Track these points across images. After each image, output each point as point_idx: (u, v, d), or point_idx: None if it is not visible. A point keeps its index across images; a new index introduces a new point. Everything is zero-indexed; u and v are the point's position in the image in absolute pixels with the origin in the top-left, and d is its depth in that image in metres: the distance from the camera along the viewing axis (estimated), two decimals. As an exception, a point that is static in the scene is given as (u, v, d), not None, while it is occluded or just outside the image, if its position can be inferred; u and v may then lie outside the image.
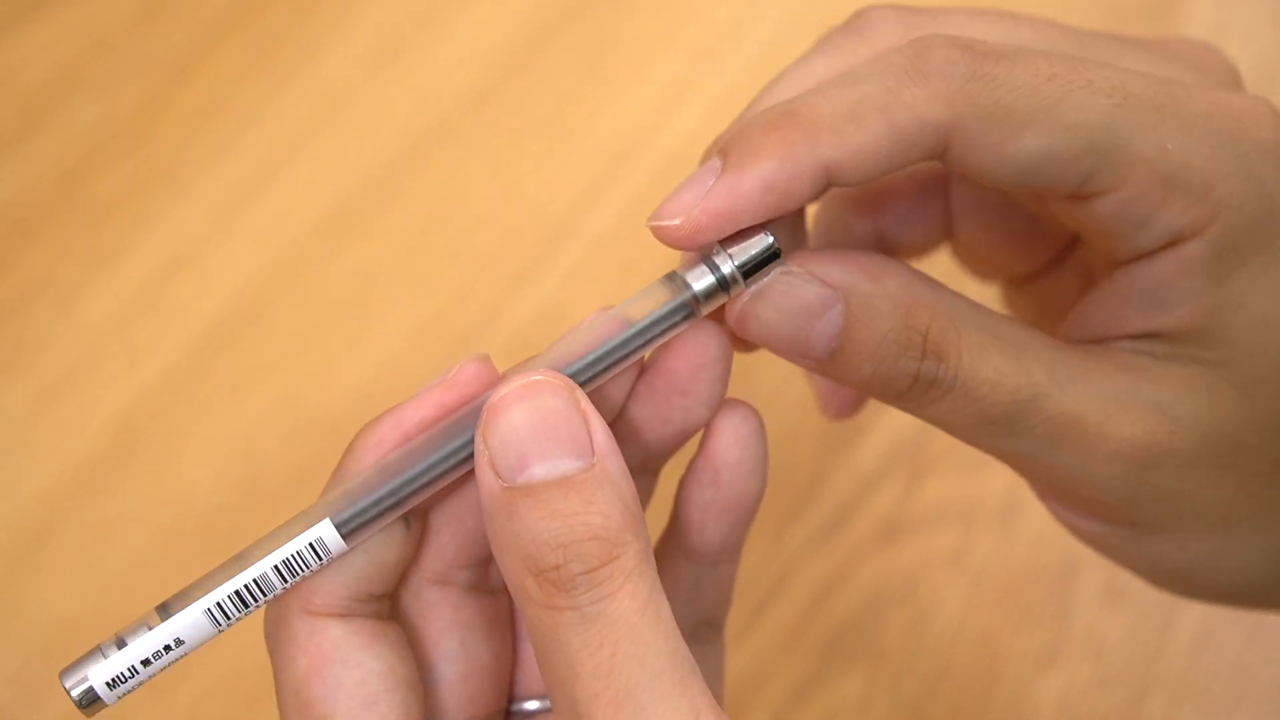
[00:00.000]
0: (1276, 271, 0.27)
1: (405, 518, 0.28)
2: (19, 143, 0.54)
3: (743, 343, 0.29)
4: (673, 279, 0.27)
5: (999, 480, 0.48)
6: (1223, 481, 0.28)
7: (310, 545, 0.27)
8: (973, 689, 0.45)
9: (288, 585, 0.27)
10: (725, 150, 0.26)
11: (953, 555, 0.47)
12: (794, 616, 0.46)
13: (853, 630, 0.46)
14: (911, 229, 0.34)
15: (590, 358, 0.27)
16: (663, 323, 0.27)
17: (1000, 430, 0.27)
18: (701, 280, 0.27)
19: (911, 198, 0.35)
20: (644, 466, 0.30)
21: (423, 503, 0.27)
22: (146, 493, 0.48)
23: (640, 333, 0.27)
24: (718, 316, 0.28)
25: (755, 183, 0.26)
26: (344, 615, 0.28)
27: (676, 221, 0.26)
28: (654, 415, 0.29)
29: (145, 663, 0.27)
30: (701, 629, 0.31)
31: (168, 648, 0.27)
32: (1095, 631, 0.46)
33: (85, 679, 0.27)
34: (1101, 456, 0.27)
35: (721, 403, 0.29)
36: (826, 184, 0.26)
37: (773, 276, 0.26)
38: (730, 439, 0.29)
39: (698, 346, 0.28)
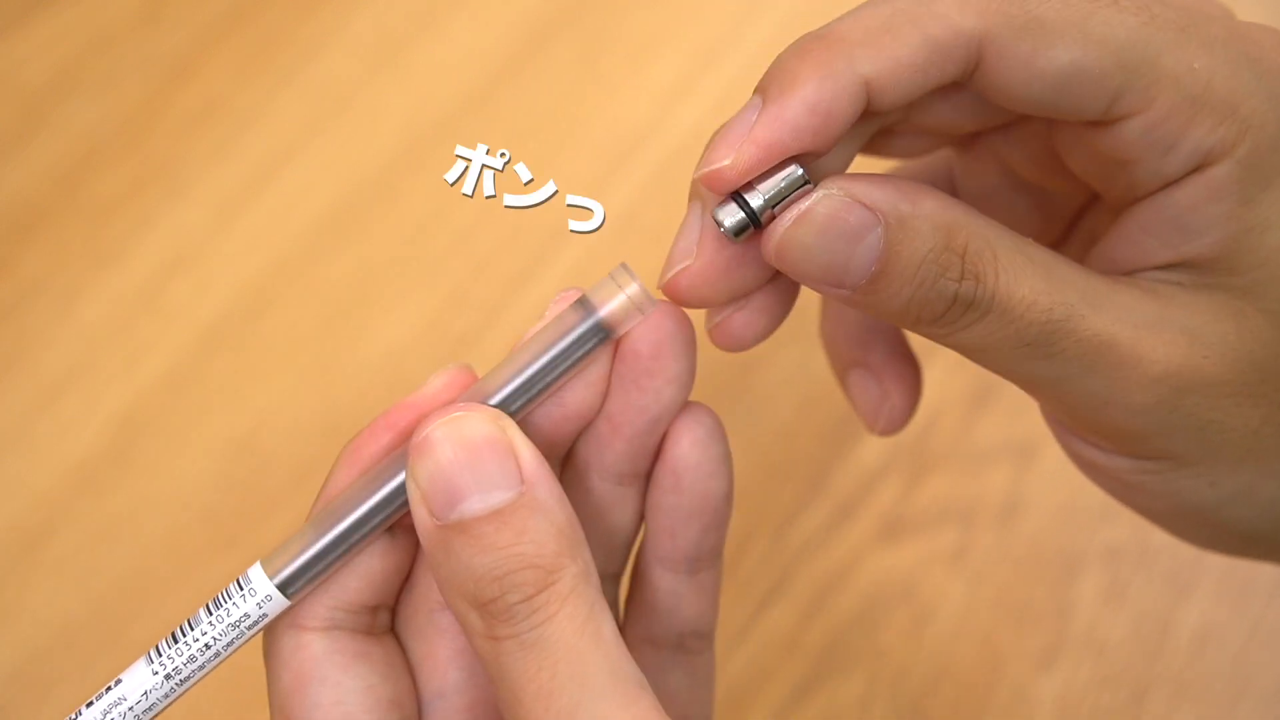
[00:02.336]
0: None
1: (390, 527, 0.28)
2: (19, 143, 0.54)
3: (722, 337, 0.29)
4: (583, 302, 0.27)
5: (999, 480, 0.48)
6: (1252, 411, 0.28)
7: (258, 605, 0.27)
8: (973, 689, 0.45)
9: (243, 638, 0.28)
10: (763, 86, 0.26)
11: (953, 555, 0.47)
12: (794, 616, 0.46)
13: (853, 630, 0.46)
14: None
15: (514, 384, 0.27)
16: (575, 346, 0.27)
17: (1034, 353, 0.26)
18: (732, 216, 0.27)
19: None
20: (633, 470, 0.30)
21: None
22: (146, 493, 0.48)
23: (556, 357, 0.27)
24: (670, 308, 0.28)
25: (799, 107, 0.26)
26: (328, 629, 0.28)
27: (726, 161, 0.26)
28: (628, 405, 0.28)
29: None
30: (688, 639, 0.31)
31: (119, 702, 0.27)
32: (1095, 631, 0.46)
33: None
34: (1134, 380, 0.27)
35: (690, 382, 0.29)
36: (866, 103, 0.26)
37: (814, 199, 0.26)
38: (687, 441, 0.29)
39: (653, 325, 0.28)
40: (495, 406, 0.27)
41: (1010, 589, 0.46)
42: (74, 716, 0.27)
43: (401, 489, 0.27)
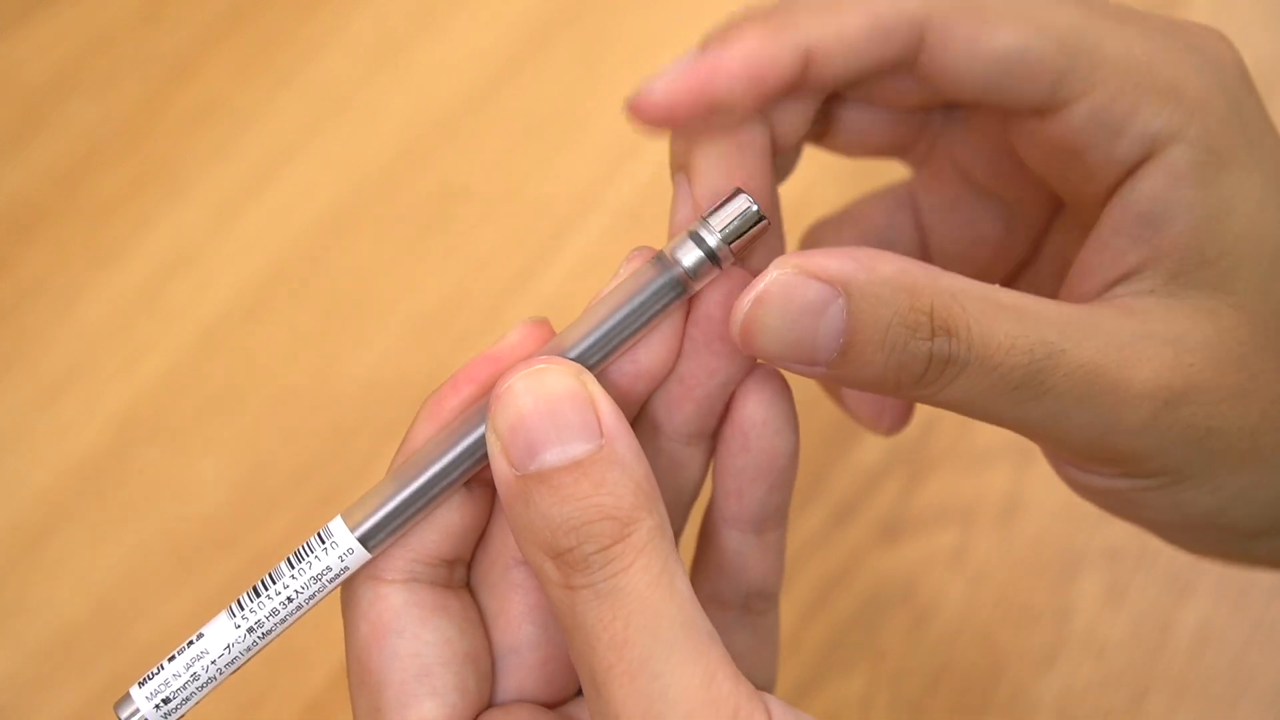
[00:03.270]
0: (1257, 177, 0.27)
1: (467, 482, 0.28)
2: (19, 143, 0.54)
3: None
4: (660, 259, 0.28)
5: (999, 480, 0.48)
6: (1247, 411, 0.28)
7: (340, 558, 0.27)
8: (973, 689, 0.45)
9: (324, 591, 0.28)
10: (705, 39, 0.27)
11: (953, 555, 0.47)
12: (794, 616, 0.46)
13: (853, 630, 0.46)
14: (888, 248, 0.34)
15: (591, 339, 0.27)
16: (653, 301, 0.27)
17: (1023, 395, 0.26)
18: (690, 256, 0.27)
19: (883, 216, 0.35)
20: (700, 430, 0.30)
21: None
22: (146, 493, 0.48)
23: (632, 313, 0.27)
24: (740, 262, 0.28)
25: (737, 58, 0.26)
26: (407, 581, 0.28)
27: (657, 86, 0.27)
28: (700, 368, 0.29)
29: (190, 679, 0.27)
30: (754, 599, 0.31)
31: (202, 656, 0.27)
32: (1095, 631, 0.46)
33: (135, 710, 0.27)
34: (1127, 401, 0.27)
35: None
36: (803, 71, 0.27)
37: (768, 280, 0.26)
38: (754, 400, 0.29)
39: (729, 288, 0.28)
40: (575, 359, 0.27)
41: (1010, 589, 0.46)
42: (155, 671, 0.27)
43: (480, 442, 0.27)
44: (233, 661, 0.27)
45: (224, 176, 0.54)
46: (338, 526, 0.27)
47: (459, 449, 0.27)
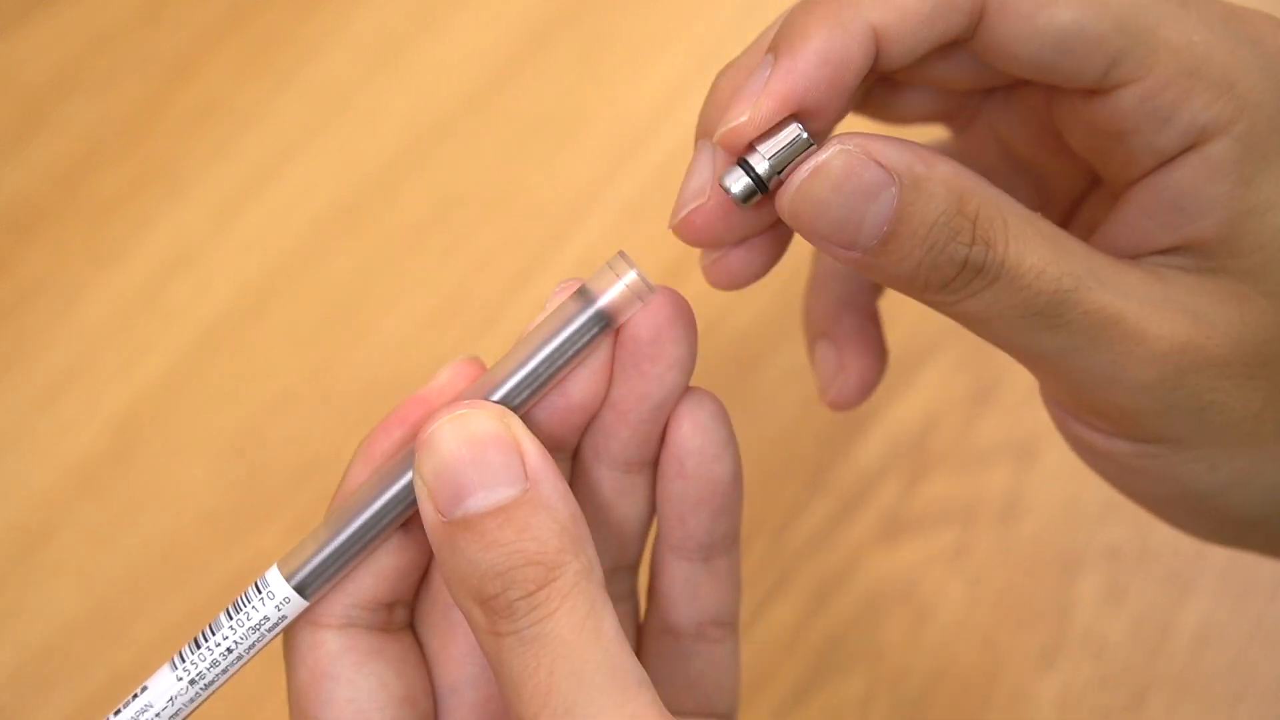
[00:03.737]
0: None
1: (404, 524, 0.28)
2: (19, 143, 0.54)
3: (719, 275, 0.29)
4: (582, 292, 0.28)
5: (999, 480, 0.48)
6: (1253, 394, 0.28)
7: (277, 608, 0.27)
8: (973, 689, 0.45)
9: (264, 640, 0.28)
10: (774, 43, 0.26)
11: (953, 555, 0.47)
12: (794, 616, 0.46)
13: (853, 630, 0.46)
14: None
15: (518, 377, 0.27)
16: (576, 337, 0.27)
17: (1040, 323, 0.26)
18: (738, 183, 0.27)
19: None
20: (640, 457, 0.30)
21: None
22: (146, 493, 0.48)
23: (558, 348, 0.27)
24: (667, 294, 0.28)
25: (811, 57, 0.26)
26: (344, 626, 0.28)
27: (744, 118, 0.26)
28: (630, 392, 0.28)
29: None
30: (708, 628, 0.31)
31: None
32: (1095, 631, 0.46)
33: None
34: (1139, 356, 0.27)
35: (691, 366, 0.29)
36: (876, 52, 0.26)
37: (830, 153, 0.25)
38: (689, 425, 0.29)
39: (653, 311, 0.28)
40: (500, 400, 0.27)
41: (1010, 589, 0.46)
42: None
43: (411, 486, 0.27)
44: (176, 714, 0.27)
45: (224, 176, 0.54)
46: (274, 576, 0.27)
47: (390, 493, 0.27)
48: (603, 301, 0.27)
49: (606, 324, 0.27)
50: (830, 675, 0.45)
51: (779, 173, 0.26)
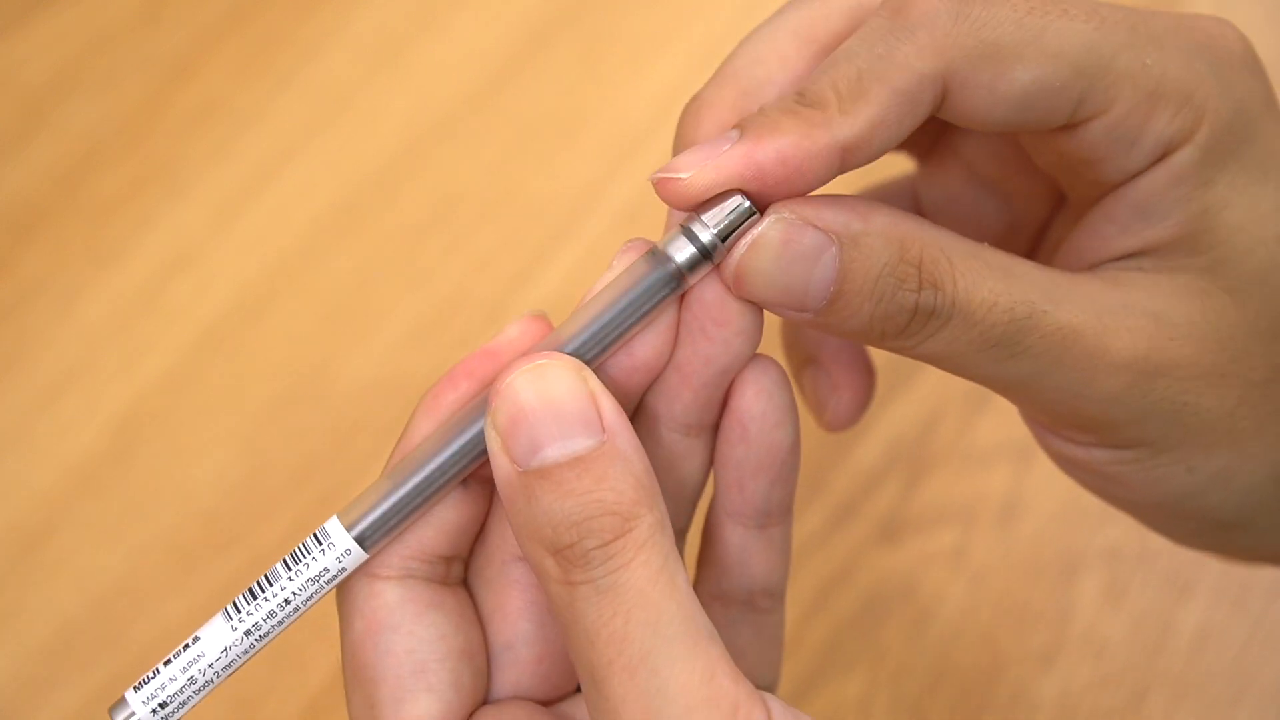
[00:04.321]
0: (1257, 172, 0.28)
1: (464, 479, 0.28)
2: (19, 143, 0.54)
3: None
4: (654, 253, 0.28)
5: (999, 480, 0.48)
6: (1225, 392, 0.28)
7: (337, 559, 0.27)
8: (973, 689, 0.45)
9: (321, 592, 0.28)
10: (743, 124, 0.27)
11: (953, 555, 0.47)
12: (794, 616, 0.46)
13: (853, 630, 0.46)
14: None
15: (588, 334, 0.27)
16: (647, 296, 0.27)
17: (1001, 354, 0.27)
18: (683, 252, 0.27)
19: None
20: (700, 421, 0.30)
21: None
22: (146, 493, 0.48)
23: (628, 307, 0.27)
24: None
25: (772, 154, 0.26)
26: (402, 578, 0.28)
27: (686, 175, 0.26)
28: (696, 355, 0.28)
29: (187, 682, 0.27)
30: (758, 596, 0.31)
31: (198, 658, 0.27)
32: (1095, 631, 0.46)
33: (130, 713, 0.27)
34: (1103, 369, 0.27)
35: (758, 335, 0.29)
36: (840, 167, 0.26)
37: (766, 224, 0.26)
38: (752, 391, 0.29)
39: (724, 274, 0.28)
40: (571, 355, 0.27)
41: (1010, 589, 0.46)
42: (151, 674, 0.27)
43: (478, 439, 0.27)
44: (229, 665, 0.27)
45: (224, 176, 0.54)
46: (334, 527, 0.27)
47: (456, 445, 0.27)
48: (677, 261, 0.27)
49: (677, 284, 0.27)
50: (830, 675, 0.45)
51: (723, 240, 0.27)
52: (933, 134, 0.33)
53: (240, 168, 0.54)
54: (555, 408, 0.25)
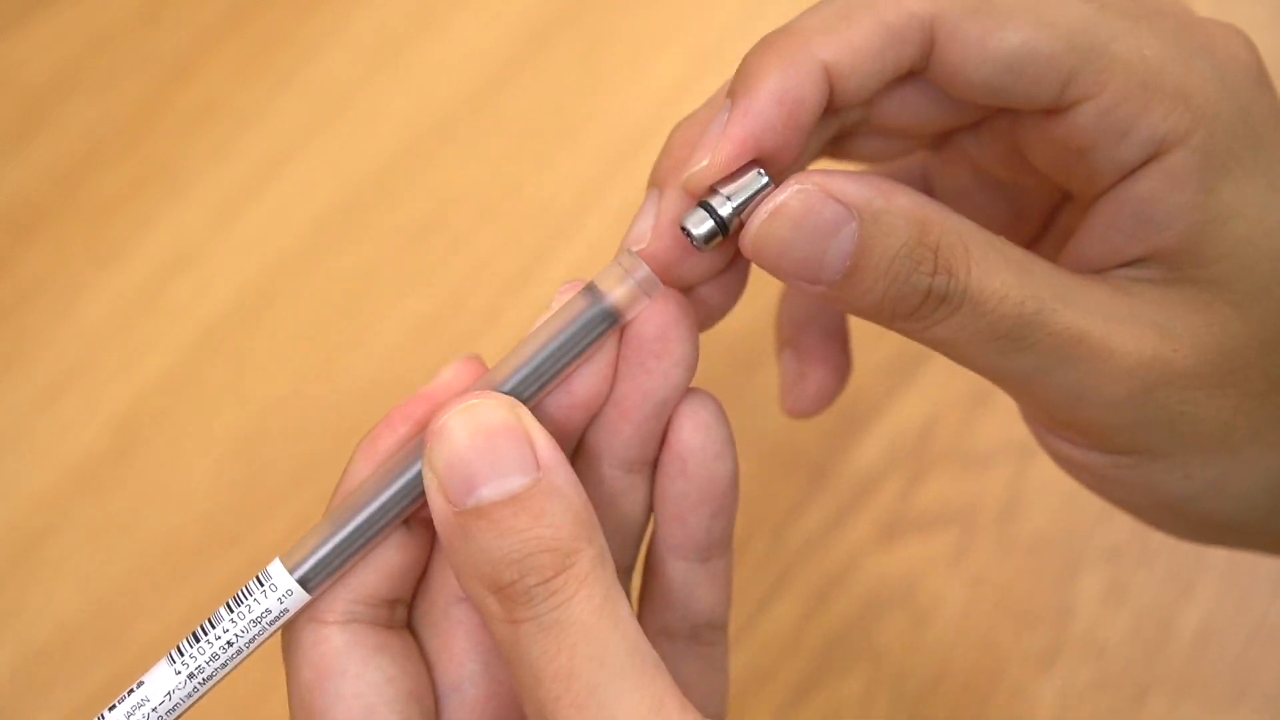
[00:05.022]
0: (1262, 182, 0.27)
1: (405, 520, 0.28)
2: (19, 143, 0.54)
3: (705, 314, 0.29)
4: (590, 289, 0.28)
5: (999, 480, 0.48)
6: (1223, 403, 0.28)
7: (279, 600, 0.27)
8: (973, 689, 0.45)
9: (264, 634, 0.28)
10: (731, 88, 0.27)
11: (953, 555, 0.47)
12: (794, 616, 0.46)
13: (853, 630, 0.46)
14: None
15: (524, 373, 0.27)
16: (584, 333, 0.27)
17: (1007, 347, 0.27)
18: (700, 225, 0.27)
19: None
20: (641, 457, 0.30)
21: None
22: (146, 493, 0.48)
23: (565, 344, 0.27)
24: (669, 283, 0.29)
25: (766, 98, 0.26)
26: (347, 622, 0.28)
27: (705, 163, 0.27)
28: (635, 389, 0.29)
29: None
30: (703, 630, 0.31)
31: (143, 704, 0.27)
32: (1095, 631, 0.46)
33: None
34: (1106, 373, 0.27)
35: (694, 366, 0.29)
36: (830, 90, 0.26)
37: (789, 193, 0.26)
38: (690, 425, 0.29)
39: (658, 310, 0.28)
40: (507, 394, 0.27)
41: (1010, 589, 0.46)
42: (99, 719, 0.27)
43: (417, 479, 0.27)
44: (174, 709, 0.27)
45: (224, 176, 0.54)
46: (276, 569, 0.27)
47: (395, 487, 0.27)
48: (611, 298, 0.27)
49: (613, 320, 0.28)
50: (830, 675, 0.45)
51: (740, 214, 0.27)
52: (938, 134, 0.33)
53: (240, 168, 0.54)
54: (489, 446, 0.25)
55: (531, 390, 0.27)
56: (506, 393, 0.27)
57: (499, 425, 0.26)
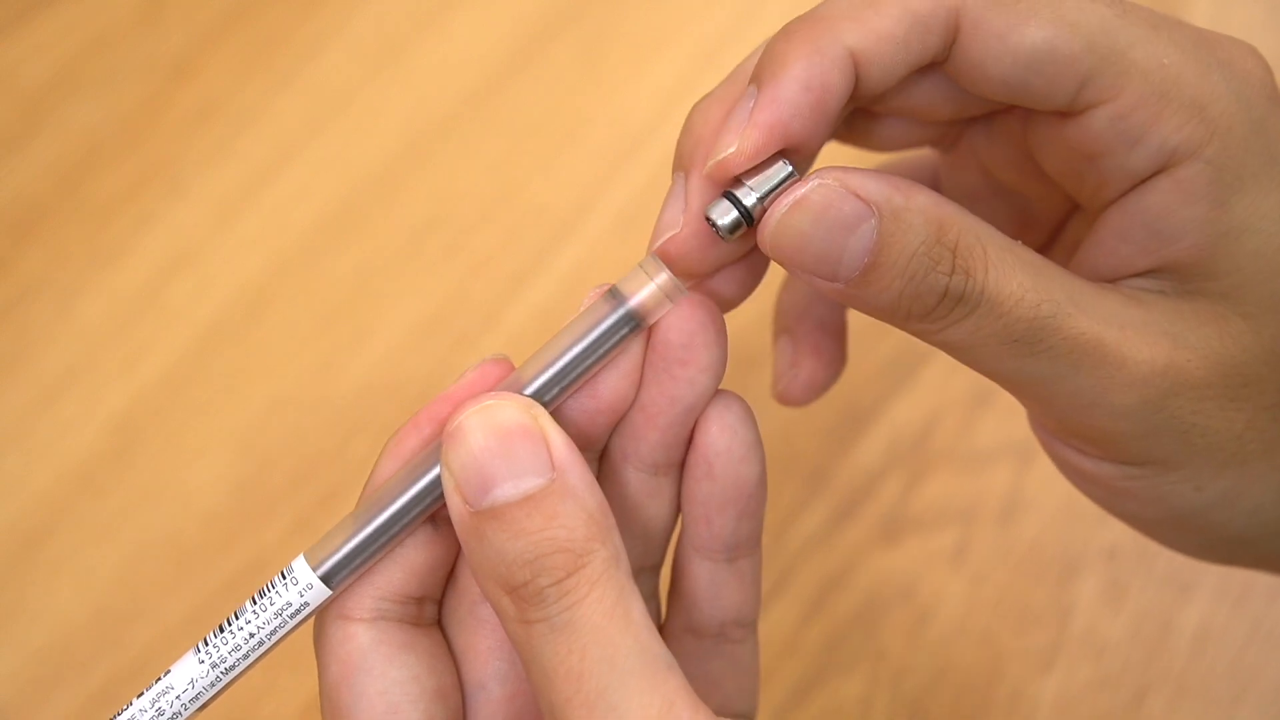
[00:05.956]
0: (1275, 196, 0.27)
1: (432, 518, 0.28)
2: (19, 143, 0.54)
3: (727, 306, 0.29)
4: (613, 294, 0.28)
5: (999, 480, 0.48)
6: (1235, 415, 0.28)
7: (300, 594, 0.28)
8: (973, 689, 0.45)
9: (286, 627, 0.28)
10: (756, 73, 0.27)
11: (953, 555, 0.47)
12: (794, 616, 0.46)
13: (853, 630, 0.46)
14: None
15: (547, 375, 0.27)
16: (606, 336, 0.28)
17: (1021, 350, 0.27)
18: (726, 215, 0.27)
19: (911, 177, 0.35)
20: (667, 459, 0.30)
21: None
22: (146, 493, 0.48)
23: (588, 348, 0.27)
24: (697, 289, 0.29)
25: (792, 85, 0.26)
26: (374, 620, 0.28)
27: (732, 149, 0.26)
28: (661, 394, 0.29)
29: (156, 714, 0.28)
30: (730, 628, 0.31)
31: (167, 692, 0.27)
32: (1095, 631, 0.46)
33: None
34: (1119, 381, 0.27)
35: (722, 371, 0.29)
36: (855, 77, 0.26)
37: (809, 187, 0.26)
38: (717, 428, 0.29)
39: (685, 315, 0.28)
40: (529, 397, 0.27)
41: (1010, 589, 0.46)
42: (125, 708, 0.28)
43: (439, 480, 0.27)
44: (197, 697, 0.28)
45: (224, 176, 0.54)
46: (299, 564, 0.28)
47: (418, 486, 0.28)
48: (633, 301, 0.28)
49: (636, 325, 0.28)
50: (830, 675, 0.45)
51: (763, 204, 0.27)
52: (953, 133, 0.33)
53: (240, 168, 0.54)
54: (504, 447, 0.25)
55: (554, 393, 0.28)
56: (529, 395, 0.27)
57: (515, 426, 0.26)
